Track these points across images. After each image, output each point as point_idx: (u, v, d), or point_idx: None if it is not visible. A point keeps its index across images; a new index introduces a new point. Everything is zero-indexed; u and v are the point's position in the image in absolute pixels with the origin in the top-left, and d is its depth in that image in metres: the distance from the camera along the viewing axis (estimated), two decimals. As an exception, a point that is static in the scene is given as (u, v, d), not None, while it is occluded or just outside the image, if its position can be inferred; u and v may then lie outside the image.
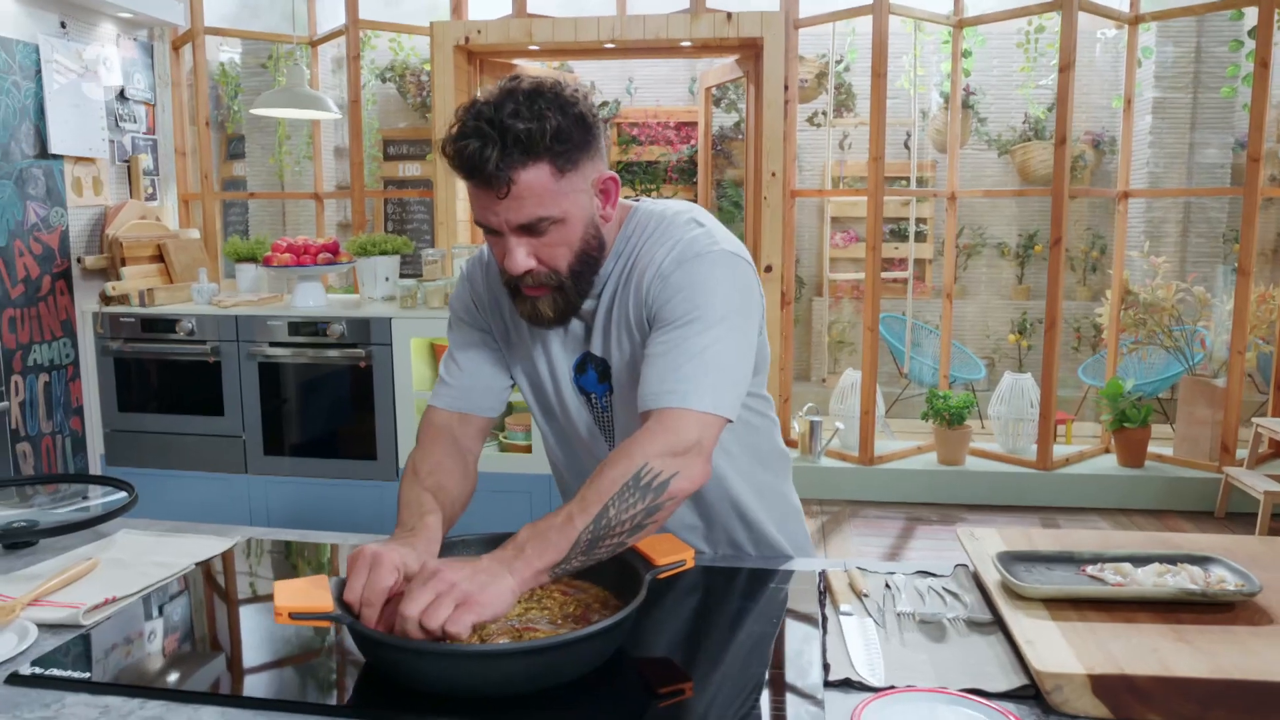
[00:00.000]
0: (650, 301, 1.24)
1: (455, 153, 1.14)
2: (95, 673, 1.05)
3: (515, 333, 1.39)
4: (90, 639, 1.14)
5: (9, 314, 3.17)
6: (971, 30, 4.71)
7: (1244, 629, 1.05)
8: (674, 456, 1.13)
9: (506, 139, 1.11)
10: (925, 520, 4.29)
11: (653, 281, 1.24)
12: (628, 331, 1.29)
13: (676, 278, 1.22)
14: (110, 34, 3.62)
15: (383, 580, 1.04)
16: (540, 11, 4.63)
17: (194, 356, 3.38)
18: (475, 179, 1.14)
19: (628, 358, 1.31)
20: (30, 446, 3.27)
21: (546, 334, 1.35)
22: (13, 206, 3.18)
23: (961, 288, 6.63)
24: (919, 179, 6.40)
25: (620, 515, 1.09)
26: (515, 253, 1.18)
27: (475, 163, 1.12)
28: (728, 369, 1.19)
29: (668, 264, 1.23)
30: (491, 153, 1.11)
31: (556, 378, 1.37)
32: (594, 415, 1.39)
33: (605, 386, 1.36)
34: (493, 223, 1.18)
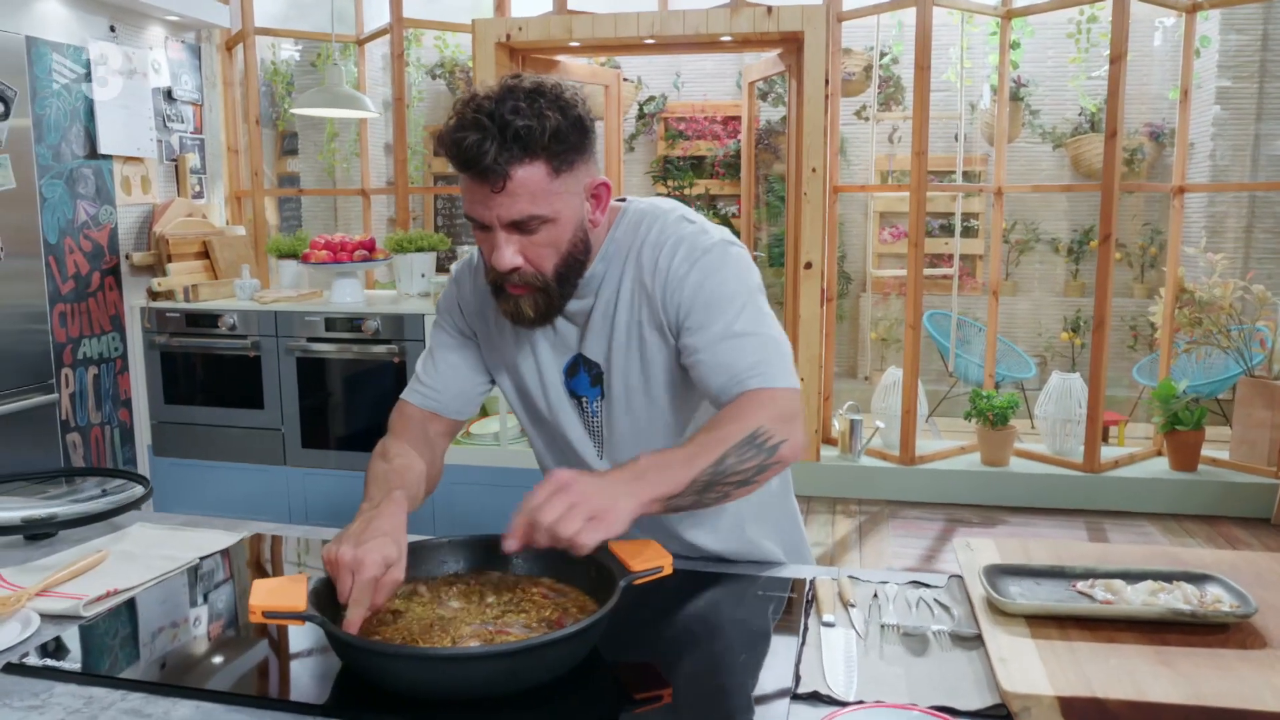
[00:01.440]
0: (671, 305, 1.26)
1: (453, 144, 1.14)
2: (84, 664, 1.09)
3: (500, 336, 1.39)
4: (89, 630, 1.18)
5: (60, 309, 3.29)
6: (1021, 21, 4.60)
7: (1233, 652, 1.01)
8: (783, 423, 1.18)
9: (506, 134, 1.11)
10: (966, 522, 4.22)
11: (668, 285, 1.25)
12: (639, 338, 1.29)
13: (694, 277, 1.24)
14: (158, 36, 3.72)
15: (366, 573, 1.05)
16: (581, 8, 4.64)
17: (236, 351, 3.47)
18: (471, 171, 1.15)
19: (634, 365, 1.31)
20: (80, 437, 3.39)
21: (536, 337, 1.35)
22: (64, 205, 3.30)
23: (1013, 284, 6.49)
24: (971, 173, 6.27)
25: (736, 466, 1.14)
26: (504, 250, 1.18)
27: (473, 155, 1.12)
28: (779, 343, 1.25)
29: (679, 267, 1.25)
30: (490, 146, 1.11)
31: (545, 382, 1.37)
32: (584, 420, 1.38)
33: (597, 391, 1.35)
34: (484, 217, 1.18)
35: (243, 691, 1.03)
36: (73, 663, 1.09)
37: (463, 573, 1.25)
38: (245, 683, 1.06)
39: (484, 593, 1.19)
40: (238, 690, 1.03)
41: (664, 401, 1.33)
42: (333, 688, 1.05)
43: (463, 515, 3.34)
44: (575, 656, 1.05)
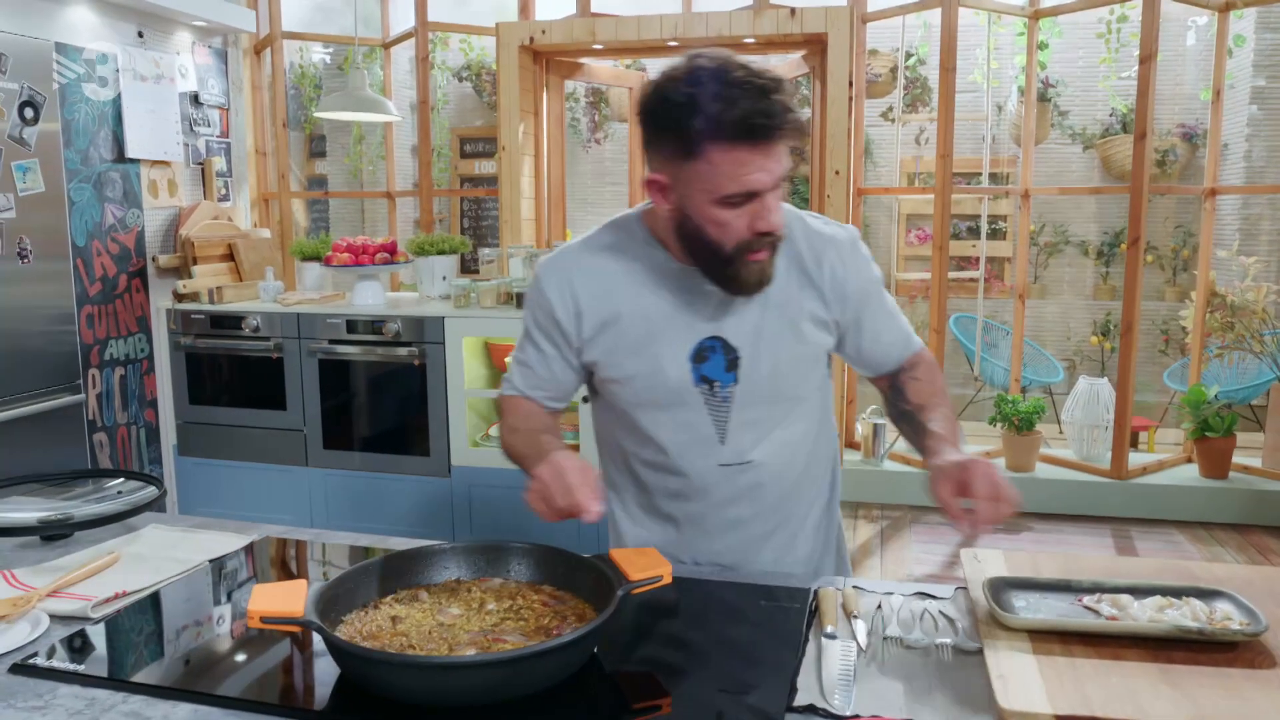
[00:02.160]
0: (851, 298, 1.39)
1: (754, 110, 1.15)
2: (87, 666, 1.10)
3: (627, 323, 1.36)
4: (95, 632, 1.20)
5: (87, 310, 3.34)
6: (1049, 21, 4.54)
7: (1240, 671, 0.99)
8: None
9: (781, 104, 1.17)
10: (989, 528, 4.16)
11: (834, 281, 1.37)
12: (790, 323, 1.35)
13: (859, 271, 1.40)
14: (185, 42, 3.77)
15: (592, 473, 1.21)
16: (606, 10, 4.64)
17: (259, 352, 3.51)
18: (760, 136, 1.16)
19: (784, 352, 1.36)
20: (106, 436, 3.44)
21: (668, 321, 1.34)
22: (92, 208, 3.35)
23: (1042, 287, 6.40)
24: (999, 175, 6.20)
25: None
26: (777, 209, 1.24)
27: (756, 119, 1.15)
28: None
29: (847, 261, 1.39)
30: (775, 108, 1.16)
31: (671, 367, 1.35)
32: (710, 405, 1.37)
33: (732, 376, 1.36)
34: (763, 183, 1.19)
35: (242, 696, 1.04)
36: (77, 664, 1.10)
37: (465, 579, 1.25)
38: (246, 687, 1.07)
39: (484, 600, 1.20)
40: (237, 695, 1.04)
41: (798, 385, 1.41)
42: (332, 694, 1.06)
43: (481, 518, 3.35)
44: (571, 665, 1.05)
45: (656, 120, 1.22)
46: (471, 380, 3.39)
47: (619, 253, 1.37)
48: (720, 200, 1.20)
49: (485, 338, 3.46)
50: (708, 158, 1.17)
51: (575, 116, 6.93)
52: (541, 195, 4.80)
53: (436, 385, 3.35)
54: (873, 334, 1.44)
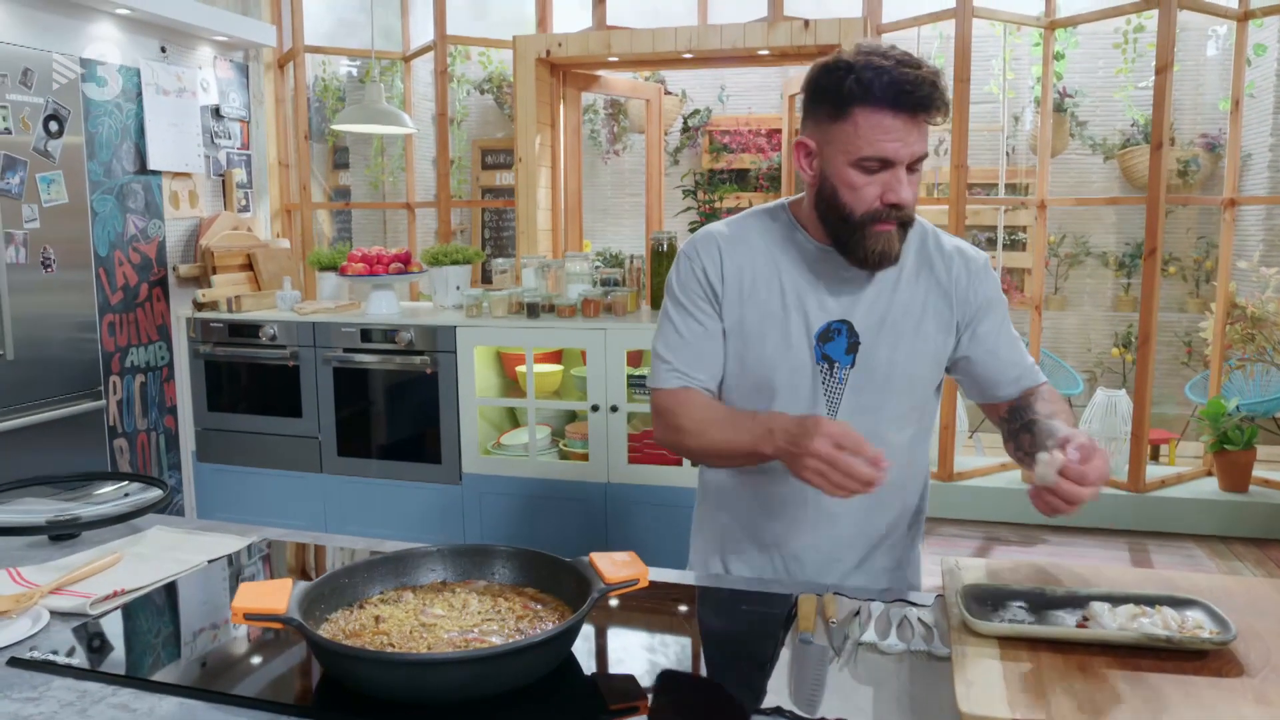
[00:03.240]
0: (971, 304, 1.45)
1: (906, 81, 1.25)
2: (79, 659, 1.14)
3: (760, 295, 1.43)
4: (92, 628, 1.24)
5: (109, 319, 3.42)
6: (1065, 32, 4.53)
7: (1206, 680, 0.99)
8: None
9: (938, 84, 1.28)
10: (1004, 540, 4.14)
11: (968, 289, 1.45)
12: (914, 319, 1.42)
13: (989, 286, 1.47)
14: (207, 56, 3.86)
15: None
16: (623, 22, 4.69)
17: (275, 361, 3.57)
18: (912, 108, 1.26)
19: (904, 346, 1.42)
20: (127, 442, 3.51)
21: (800, 298, 1.42)
22: (114, 219, 3.43)
23: (1062, 299, 6.36)
24: (1018, 186, 6.17)
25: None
26: (905, 184, 1.31)
27: (927, 92, 1.26)
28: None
29: (977, 272, 1.46)
30: (927, 78, 1.26)
31: (796, 343, 1.42)
32: (826, 383, 1.43)
33: (850, 359, 1.42)
34: (897, 153, 1.28)
35: (228, 690, 1.07)
36: (71, 658, 1.14)
37: (450, 581, 1.28)
38: (232, 682, 1.10)
39: (468, 601, 1.22)
40: (222, 689, 1.07)
41: (913, 381, 1.45)
42: (315, 690, 1.09)
43: (491, 525, 3.38)
44: (544, 664, 1.07)
45: (816, 86, 1.33)
46: (483, 389, 3.43)
47: (763, 232, 1.46)
48: (857, 162, 1.30)
49: (497, 347, 3.50)
50: (853, 119, 1.28)
51: (595, 128, 6.98)
52: (558, 206, 4.85)
53: (448, 394, 3.39)
54: (990, 348, 1.46)
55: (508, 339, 3.35)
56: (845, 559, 1.51)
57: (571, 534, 3.23)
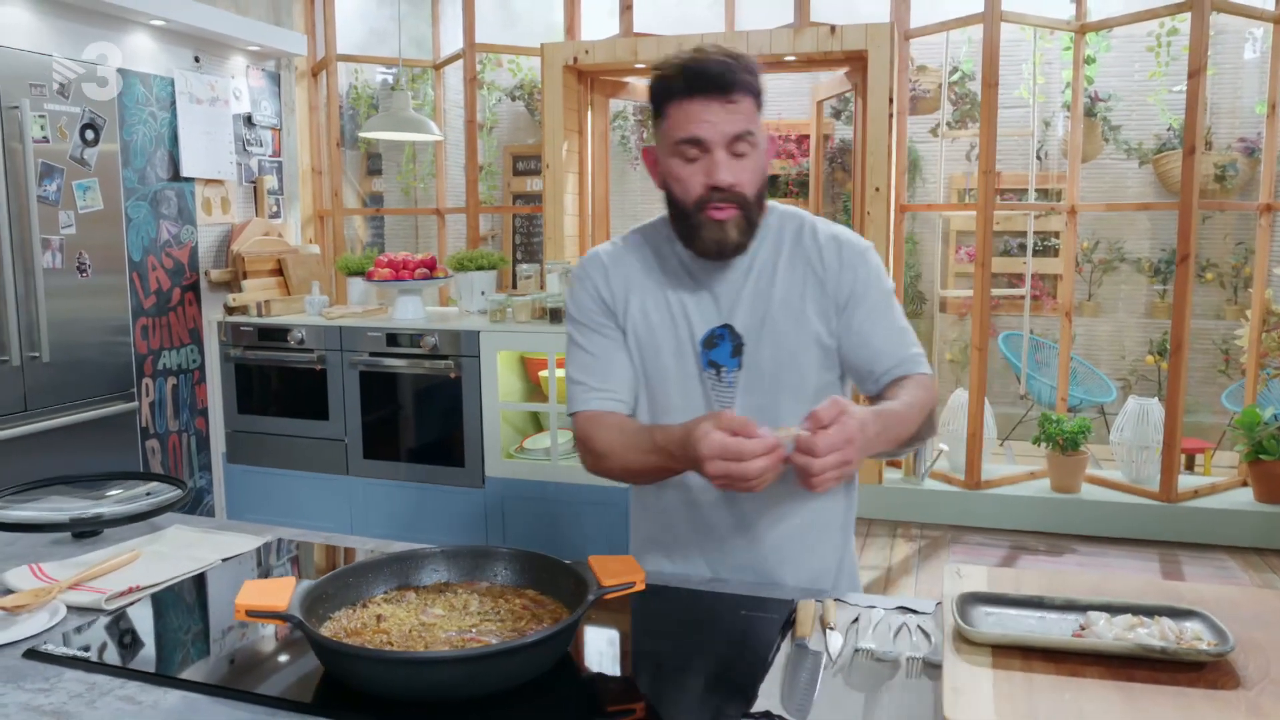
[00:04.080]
0: (844, 289, 1.42)
1: (696, 66, 1.32)
2: (90, 653, 1.17)
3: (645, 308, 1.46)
4: (106, 623, 1.27)
5: (142, 322, 3.50)
6: (1097, 35, 4.47)
7: (1200, 692, 0.98)
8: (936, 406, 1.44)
9: (735, 62, 1.33)
10: (1031, 550, 4.09)
11: (839, 275, 1.42)
12: (799, 317, 1.42)
13: (863, 271, 1.43)
14: (240, 66, 3.94)
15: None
16: (650, 30, 4.71)
17: (303, 364, 3.63)
18: (709, 89, 1.31)
19: (786, 340, 1.41)
20: (159, 443, 3.59)
21: (679, 304, 1.43)
22: (148, 225, 3.52)
23: (1095, 305, 6.27)
24: (1050, 191, 6.10)
25: (921, 435, 1.37)
26: (723, 165, 1.33)
27: (708, 68, 1.31)
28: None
29: (850, 259, 1.43)
30: (721, 60, 1.32)
31: (684, 352, 1.44)
32: (717, 390, 1.44)
33: (736, 361, 1.43)
34: (709, 135, 1.32)
35: (230, 686, 1.09)
36: (82, 651, 1.17)
37: (453, 582, 1.30)
38: (238, 678, 1.13)
39: (469, 602, 1.24)
40: (228, 685, 1.10)
41: (803, 376, 1.44)
42: (316, 688, 1.11)
43: (514, 528, 3.41)
44: (538, 665, 1.08)
45: (649, 99, 1.40)
46: (506, 393, 3.46)
47: (643, 247, 1.50)
48: (677, 151, 1.34)
49: (520, 352, 3.52)
50: (668, 114, 1.35)
51: (624, 134, 7.01)
52: (585, 212, 4.88)
53: (472, 398, 3.43)
54: (862, 338, 1.43)
55: (530, 343, 3.38)
56: (772, 562, 1.49)
57: (594, 537, 3.24)
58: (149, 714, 1.03)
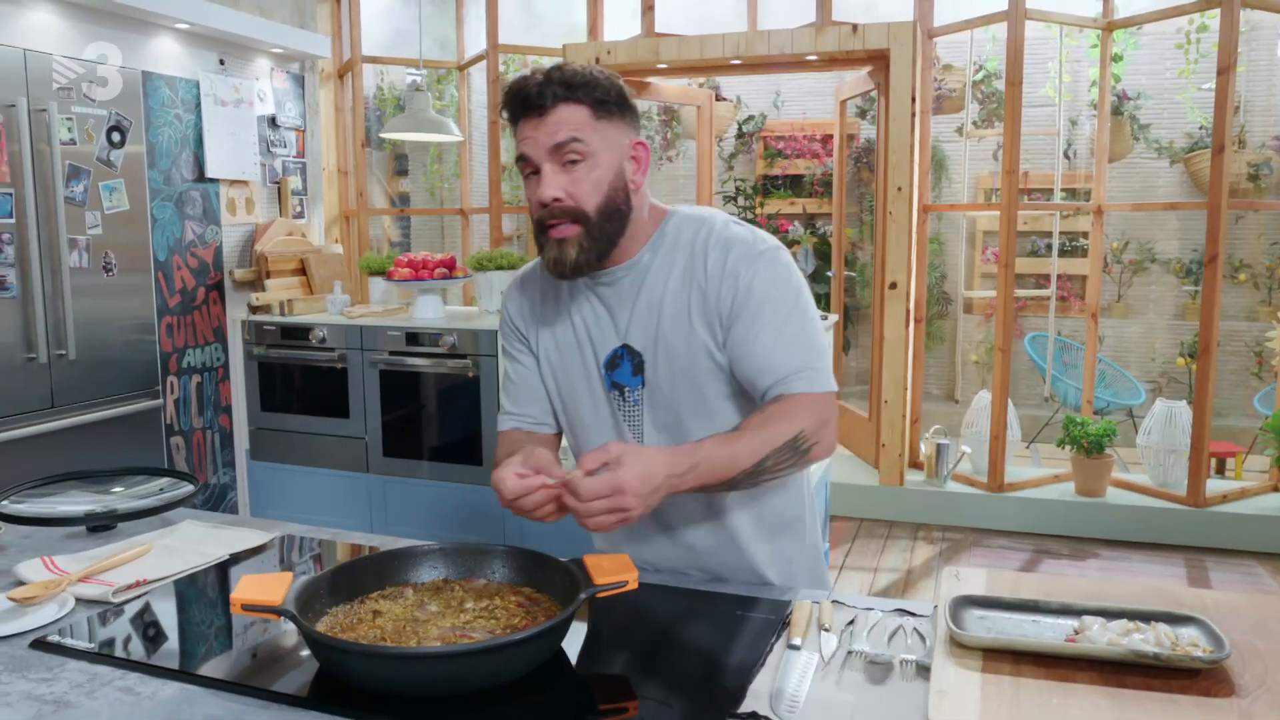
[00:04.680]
0: (726, 299, 1.33)
1: (507, 89, 1.31)
2: (94, 644, 1.20)
3: (551, 332, 1.45)
4: (112, 615, 1.30)
5: (167, 321, 3.56)
6: (1124, 33, 4.41)
7: (1191, 699, 0.97)
8: (821, 428, 1.30)
9: (552, 77, 1.29)
10: (1054, 554, 4.04)
11: (723, 280, 1.33)
12: (686, 328, 1.35)
13: (747, 276, 1.33)
14: (264, 68, 3.99)
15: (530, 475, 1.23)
16: (672, 30, 4.71)
17: (324, 363, 3.67)
18: (521, 107, 1.30)
19: (679, 354, 1.37)
20: (183, 440, 3.65)
21: (584, 331, 1.41)
22: (173, 225, 3.57)
23: (1125, 306, 6.18)
24: (1078, 191, 6.02)
25: (774, 467, 1.27)
26: (546, 182, 1.29)
27: (522, 90, 1.29)
28: (823, 348, 1.35)
29: (734, 264, 1.33)
30: (535, 81, 1.29)
31: (589, 374, 1.43)
32: (624, 410, 1.42)
33: (639, 380, 1.41)
34: (532, 152, 1.30)
35: (229, 679, 1.11)
36: (86, 643, 1.20)
37: (451, 579, 1.31)
38: (236, 671, 1.14)
39: (464, 599, 1.25)
40: (227, 678, 1.11)
41: (701, 392, 1.39)
42: (312, 682, 1.12)
43: (528, 527, 3.42)
44: (525, 662, 1.08)
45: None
46: (523, 392, 3.47)
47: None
48: (521, 171, 1.34)
49: (538, 351, 3.54)
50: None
51: (649, 134, 7.02)
52: (606, 212, 4.88)
53: (489, 397, 3.45)
54: (742, 348, 1.33)
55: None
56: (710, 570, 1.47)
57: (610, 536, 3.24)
58: (146, 705, 1.05)
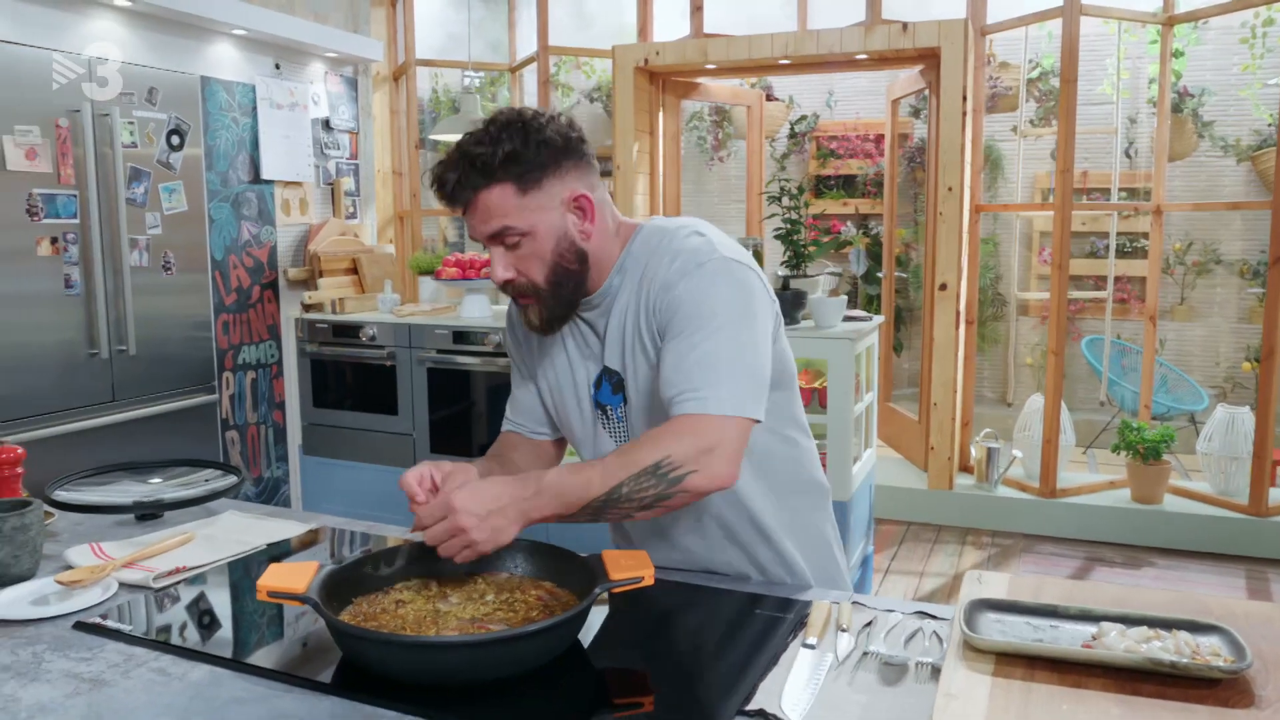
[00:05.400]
0: (659, 313, 1.30)
1: (431, 180, 1.31)
2: (133, 627, 1.25)
3: (544, 360, 1.49)
4: (153, 600, 1.35)
5: (223, 318, 3.67)
6: (1185, 28, 4.29)
7: (1208, 709, 0.94)
8: (696, 454, 1.19)
9: (462, 164, 1.26)
10: (1108, 562, 3.95)
11: (659, 294, 1.30)
12: (641, 345, 1.35)
13: (681, 288, 1.28)
14: (318, 72, 4.09)
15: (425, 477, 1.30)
16: (722, 30, 4.71)
17: (374, 360, 3.74)
18: (444, 200, 1.30)
19: (643, 371, 1.37)
20: (238, 434, 3.76)
21: (572, 356, 1.44)
22: (230, 225, 3.68)
23: (1189, 309, 6.00)
24: (1137, 190, 5.86)
25: (632, 495, 1.20)
26: (496, 264, 1.32)
27: (440, 186, 1.29)
28: (741, 370, 1.24)
29: (672, 275, 1.29)
30: (451, 176, 1.27)
31: (580, 397, 1.46)
32: (611, 429, 1.45)
33: (620, 398, 1.42)
34: (476, 234, 1.31)
35: (254, 663, 1.15)
36: (124, 625, 1.25)
37: (475, 572, 1.33)
38: (260, 655, 1.19)
39: (486, 591, 1.27)
40: (256, 662, 1.15)
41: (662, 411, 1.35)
42: (336, 669, 1.16)
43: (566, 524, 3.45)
44: (539, 653, 1.10)
45: None
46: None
47: None
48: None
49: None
50: None
51: (702, 134, 7.02)
52: (656, 212, 4.90)
53: (533, 395, 3.48)
54: (663, 364, 1.28)
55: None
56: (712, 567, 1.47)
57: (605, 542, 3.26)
58: (175, 685, 1.09)
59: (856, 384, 3.29)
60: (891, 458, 4.96)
